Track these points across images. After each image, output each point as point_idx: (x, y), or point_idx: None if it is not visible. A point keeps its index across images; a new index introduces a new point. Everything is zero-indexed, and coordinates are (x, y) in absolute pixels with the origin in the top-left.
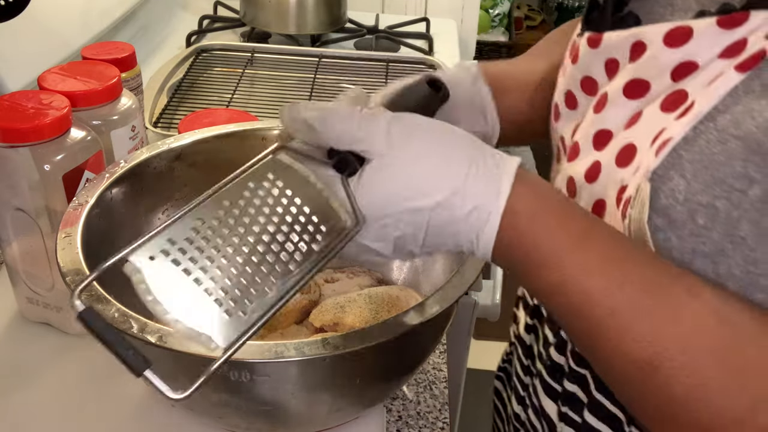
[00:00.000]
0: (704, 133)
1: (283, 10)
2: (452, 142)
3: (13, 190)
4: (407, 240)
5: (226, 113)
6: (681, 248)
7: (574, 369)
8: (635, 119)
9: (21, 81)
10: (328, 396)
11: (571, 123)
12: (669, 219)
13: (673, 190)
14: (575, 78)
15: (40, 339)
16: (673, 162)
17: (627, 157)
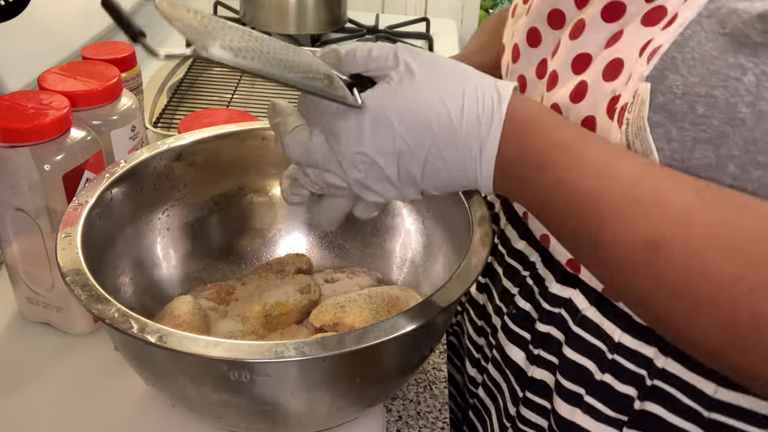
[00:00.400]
0: (693, 36)
1: (283, 10)
2: (452, 67)
3: (13, 190)
4: (409, 157)
5: (226, 113)
6: (682, 138)
7: (548, 310)
8: (616, 38)
9: (21, 81)
10: (328, 396)
11: (533, 60)
12: (669, 113)
13: (670, 86)
14: (541, 13)
15: (40, 339)
16: (665, 65)
17: (614, 71)
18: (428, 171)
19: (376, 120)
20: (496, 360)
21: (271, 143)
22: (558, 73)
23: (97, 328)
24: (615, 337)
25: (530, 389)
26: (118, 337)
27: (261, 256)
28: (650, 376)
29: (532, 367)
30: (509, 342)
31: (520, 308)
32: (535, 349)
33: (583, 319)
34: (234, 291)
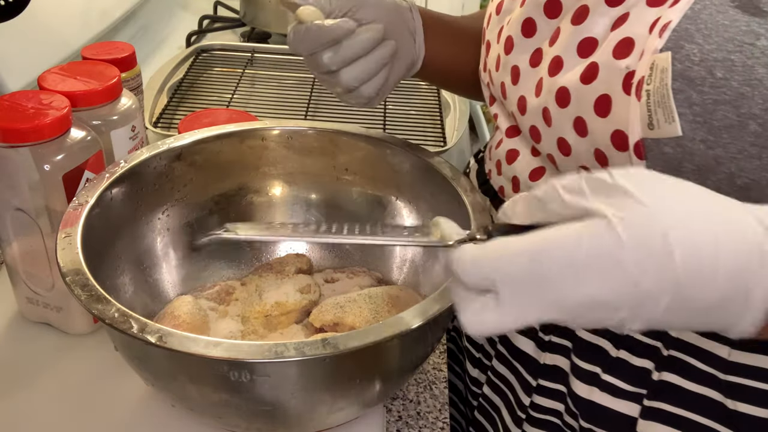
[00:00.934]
0: (703, 10)
1: (283, 10)
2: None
3: (13, 190)
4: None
5: (226, 113)
6: (702, 101)
7: None
8: (622, 20)
9: (21, 81)
10: (328, 396)
11: (527, 50)
12: (688, 79)
13: (687, 55)
14: (538, 3)
15: (40, 339)
16: (680, 36)
17: (626, 49)
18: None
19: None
20: (501, 354)
21: (271, 143)
22: (562, 58)
23: (97, 328)
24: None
25: (543, 376)
26: (118, 337)
27: (261, 256)
28: (666, 347)
29: (543, 354)
30: (516, 333)
31: None
32: (546, 335)
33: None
34: (234, 291)
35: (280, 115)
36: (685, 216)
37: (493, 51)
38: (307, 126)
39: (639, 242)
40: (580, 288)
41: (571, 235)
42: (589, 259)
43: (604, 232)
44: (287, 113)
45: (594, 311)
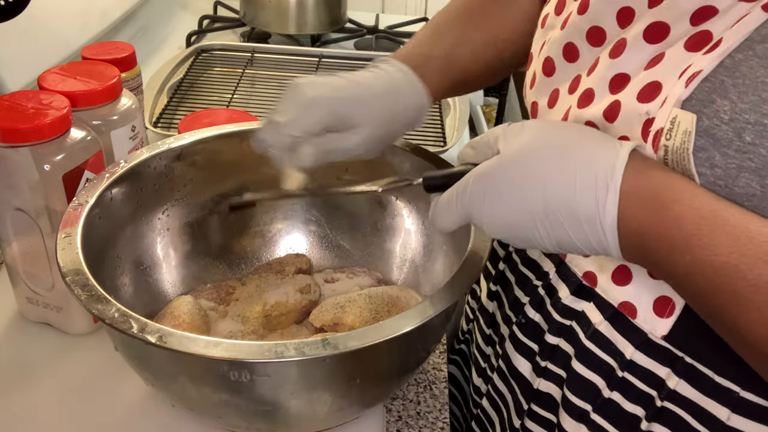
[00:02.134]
0: (745, 61)
1: (283, 10)
2: (558, 148)
3: (13, 190)
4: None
5: (226, 113)
6: (725, 165)
7: (559, 321)
8: (657, 60)
9: (21, 81)
10: (328, 396)
11: (568, 75)
12: (713, 138)
13: (717, 111)
14: (580, 29)
15: (40, 339)
16: (714, 88)
17: (651, 92)
18: (554, 235)
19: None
20: (501, 370)
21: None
22: (594, 90)
23: (97, 328)
24: (627, 354)
25: (536, 402)
26: (118, 337)
27: (261, 256)
28: (660, 398)
29: (538, 380)
30: (516, 352)
31: (530, 318)
32: (543, 361)
33: (595, 334)
34: (234, 291)
35: None
36: (552, 155)
37: (532, 65)
38: None
39: (516, 174)
40: (485, 212)
41: (471, 174)
42: (483, 193)
43: (493, 167)
44: None
45: (506, 228)
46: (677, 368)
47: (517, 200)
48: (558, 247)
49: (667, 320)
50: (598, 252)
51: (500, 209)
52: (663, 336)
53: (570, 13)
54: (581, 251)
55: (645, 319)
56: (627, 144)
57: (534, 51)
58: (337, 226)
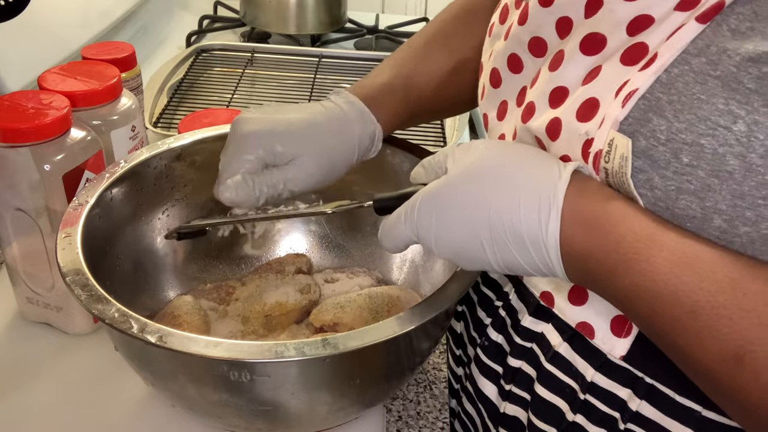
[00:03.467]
0: (681, 76)
1: (283, 10)
2: (499, 173)
3: (13, 190)
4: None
5: (226, 113)
6: (665, 187)
7: (520, 344)
8: (594, 74)
9: (21, 81)
10: (328, 396)
11: (515, 86)
12: (651, 159)
13: (653, 131)
14: (521, 40)
15: (40, 339)
16: (650, 105)
17: (589, 111)
18: (501, 256)
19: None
20: (469, 392)
21: None
22: (535, 104)
23: (97, 328)
24: (588, 376)
25: (503, 425)
26: (118, 337)
27: (261, 256)
28: (623, 420)
29: (504, 403)
30: (481, 375)
31: (493, 340)
32: (507, 384)
33: (555, 356)
34: (234, 291)
35: None
36: (496, 178)
37: (482, 76)
38: None
39: (461, 196)
40: (433, 232)
41: (419, 195)
42: (431, 214)
43: (440, 187)
44: None
45: (454, 249)
46: (638, 389)
47: (464, 221)
48: (506, 268)
49: (625, 340)
50: (545, 273)
51: (447, 230)
52: (622, 356)
53: (512, 23)
54: (529, 273)
55: (603, 339)
56: (569, 165)
57: (483, 60)
58: (337, 226)
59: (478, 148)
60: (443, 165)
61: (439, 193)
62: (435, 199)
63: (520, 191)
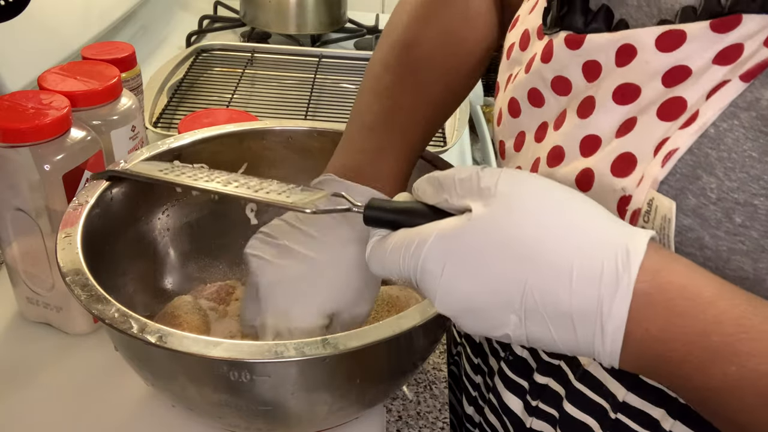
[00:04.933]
0: (730, 131)
1: (283, 10)
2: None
3: (13, 190)
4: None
5: (226, 113)
6: (716, 247)
7: (547, 361)
8: (629, 126)
9: (21, 81)
10: (328, 396)
11: (534, 119)
12: (701, 218)
13: (703, 188)
14: (544, 77)
15: (40, 339)
16: (698, 162)
17: (625, 166)
18: (529, 330)
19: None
20: (492, 404)
21: (270, 143)
22: (564, 150)
23: (97, 328)
24: (620, 395)
25: None
26: (118, 337)
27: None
28: None
29: (530, 418)
30: (506, 389)
31: (518, 355)
32: (534, 400)
33: (584, 375)
34: (234, 291)
35: (280, 115)
36: (544, 231)
37: (499, 99)
38: (308, 126)
39: (491, 248)
40: (439, 282)
41: (431, 232)
42: (443, 261)
43: (461, 229)
44: (287, 113)
45: (462, 308)
46: (672, 409)
47: (486, 282)
48: (529, 342)
49: None
50: (581, 354)
51: (460, 287)
52: None
53: (534, 56)
54: (558, 350)
55: None
56: (645, 232)
57: (500, 82)
58: None
59: (516, 186)
60: (461, 195)
61: (459, 239)
62: (452, 246)
63: (575, 252)
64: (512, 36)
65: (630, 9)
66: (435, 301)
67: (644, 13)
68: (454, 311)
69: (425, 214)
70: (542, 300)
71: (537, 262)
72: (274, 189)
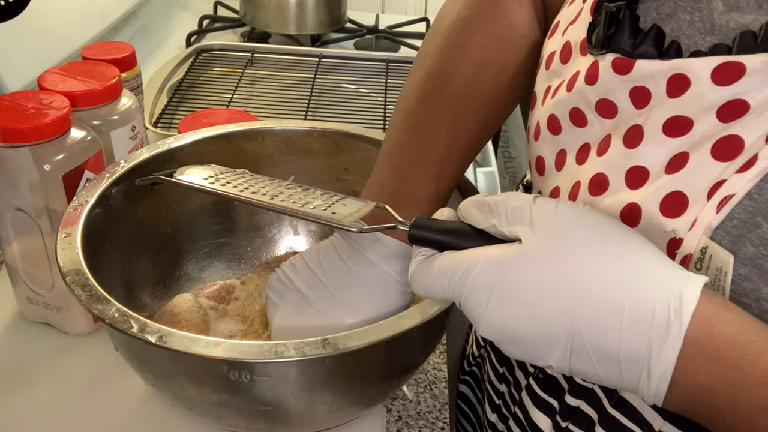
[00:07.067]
0: None
1: (283, 10)
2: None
3: (13, 190)
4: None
5: (226, 113)
6: None
7: (579, 384)
8: (680, 162)
9: (21, 81)
10: (328, 396)
11: (576, 139)
12: (760, 270)
13: (763, 238)
14: (588, 99)
15: (40, 339)
16: (758, 209)
17: (676, 206)
18: (573, 364)
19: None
20: (519, 419)
21: (270, 143)
22: (608, 178)
23: (97, 328)
24: (656, 425)
25: None
26: (118, 337)
27: (261, 255)
28: None
29: None
30: (534, 407)
31: (548, 374)
32: (564, 421)
33: (620, 401)
34: (234, 290)
35: (280, 115)
36: (596, 269)
37: (536, 111)
38: (307, 126)
39: (541, 281)
40: (485, 309)
41: (480, 259)
42: (490, 289)
43: (510, 258)
44: (287, 113)
45: (506, 336)
46: None
47: (533, 315)
48: (570, 373)
49: None
50: (625, 390)
51: (508, 315)
52: None
53: (578, 73)
54: (601, 384)
55: None
56: (698, 278)
57: (538, 92)
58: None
59: (570, 221)
60: (511, 221)
61: (506, 268)
62: (498, 275)
63: (626, 295)
64: (552, 44)
65: (682, 24)
66: (479, 328)
67: (697, 29)
68: (498, 338)
69: (472, 237)
70: (590, 338)
71: (587, 300)
72: (319, 203)
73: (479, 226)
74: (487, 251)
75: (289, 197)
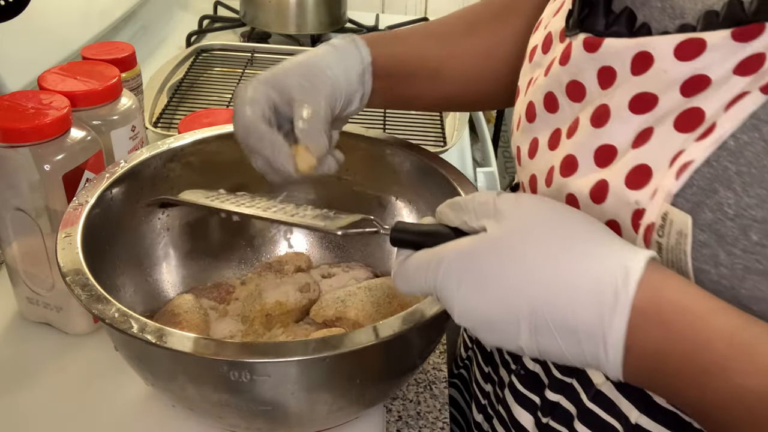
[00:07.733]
0: (750, 145)
1: (283, 10)
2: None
3: (13, 190)
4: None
5: (226, 113)
6: (731, 265)
7: (559, 378)
8: (645, 137)
9: (21, 81)
10: (328, 396)
11: (549, 125)
12: (717, 235)
13: (720, 203)
14: (560, 81)
15: (40, 339)
16: (716, 175)
17: (640, 178)
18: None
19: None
20: (502, 417)
21: None
22: (577, 159)
23: (97, 328)
24: (632, 417)
25: None
26: (118, 337)
27: (261, 255)
28: None
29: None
30: (516, 403)
31: (529, 370)
32: (544, 417)
33: (597, 395)
34: (234, 290)
35: None
36: (550, 251)
37: (518, 104)
38: None
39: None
40: (456, 295)
41: (451, 250)
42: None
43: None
44: None
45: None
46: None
47: (499, 298)
48: (539, 353)
49: None
50: (591, 367)
51: (474, 301)
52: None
53: (554, 59)
54: (568, 363)
55: None
56: (645, 252)
57: (521, 86)
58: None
59: (529, 207)
60: (479, 215)
61: (473, 256)
62: (466, 262)
63: (579, 272)
64: (535, 38)
65: (653, 11)
66: (454, 315)
67: (667, 15)
68: (471, 323)
69: (447, 235)
70: (550, 314)
71: (544, 279)
72: (309, 213)
73: (452, 224)
74: (457, 243)
75: (281, 210)
